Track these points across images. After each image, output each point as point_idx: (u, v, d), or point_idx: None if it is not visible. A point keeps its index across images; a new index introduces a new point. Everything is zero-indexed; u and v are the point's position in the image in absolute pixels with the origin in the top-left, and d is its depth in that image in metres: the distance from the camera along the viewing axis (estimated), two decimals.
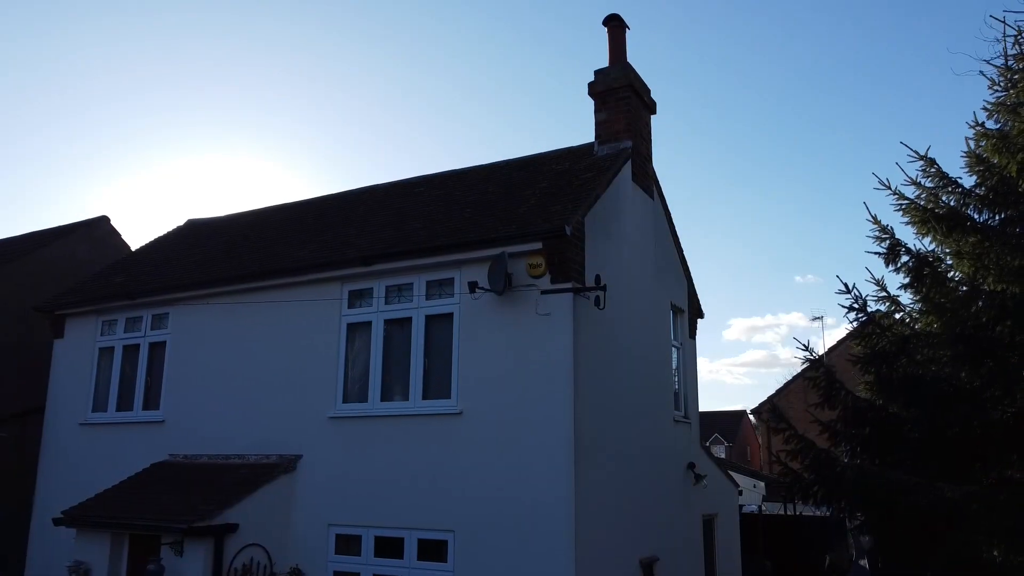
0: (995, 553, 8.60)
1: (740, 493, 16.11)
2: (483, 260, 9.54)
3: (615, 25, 12.23)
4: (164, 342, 12.54)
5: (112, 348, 13.18)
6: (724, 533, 14.07)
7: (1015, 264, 8.74)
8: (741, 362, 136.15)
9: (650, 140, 12.38)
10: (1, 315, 15.78)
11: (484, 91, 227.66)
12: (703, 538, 13.05)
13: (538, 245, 9.25)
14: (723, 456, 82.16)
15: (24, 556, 13.23)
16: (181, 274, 12.84)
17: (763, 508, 24.87)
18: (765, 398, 36.33)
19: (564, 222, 9.14)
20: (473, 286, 9.35)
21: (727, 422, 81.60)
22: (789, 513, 22.50)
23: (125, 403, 12.85)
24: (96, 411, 13.13)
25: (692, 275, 13.72)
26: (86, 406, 13.22)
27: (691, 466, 12.69)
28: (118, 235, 18.46)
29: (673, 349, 12.83)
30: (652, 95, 12.46)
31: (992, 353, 8.32)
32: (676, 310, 13.07)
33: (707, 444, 71.49)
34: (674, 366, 12.83)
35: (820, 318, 45.01)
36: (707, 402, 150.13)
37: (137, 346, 12.87)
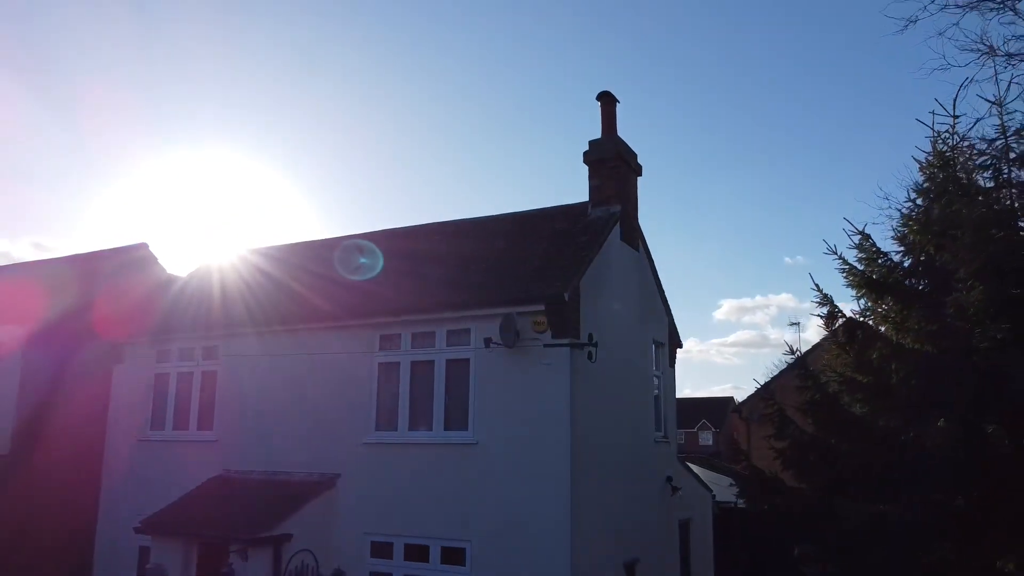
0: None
1: (714, 497, 18.17)
2: (495, 316, 11.53)
3: (606, 100, 14.15)
4: (215, 371, 14.51)
5: (168, 374, 15.15)
6: (698, 533, 16.20)
7: (931, 328, 10.77)
8: (731, 342, 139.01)
9: (636, 200, 14.35)
10: (57, 338, 17.65)
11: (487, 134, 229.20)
12: (679, 539, 15.17)
13: (541, 307, 11.25)
14: (710, 442, 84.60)
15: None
16: (231, 313, 14.76)
17: (739, 503, 27.08)
18: (746, 396, 38.48)
19: (563, 289, 11.15)
20: (488, 342, 11.36)
21: (714, 408, 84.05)
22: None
23: (181, 423, 14.83)
24: (154, 429, 15.11)
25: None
26: (145, 424, 15.20)
27: (669, 479, 14.78)
28: (156, 260, 20.31)
29: (654, 378, 14.88)
30: (639, 160, 14.43)
31: (901, 405, 10.38)
32: (657, 344, 15.11)
33: (695, 430, 72.97)
34: (655, 393, 14.89)
35: (797, 323, 47.29)
36: (697, 382, 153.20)
37: (191, 373, 14.84)
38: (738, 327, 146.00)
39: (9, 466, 16.75)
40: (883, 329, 11.35)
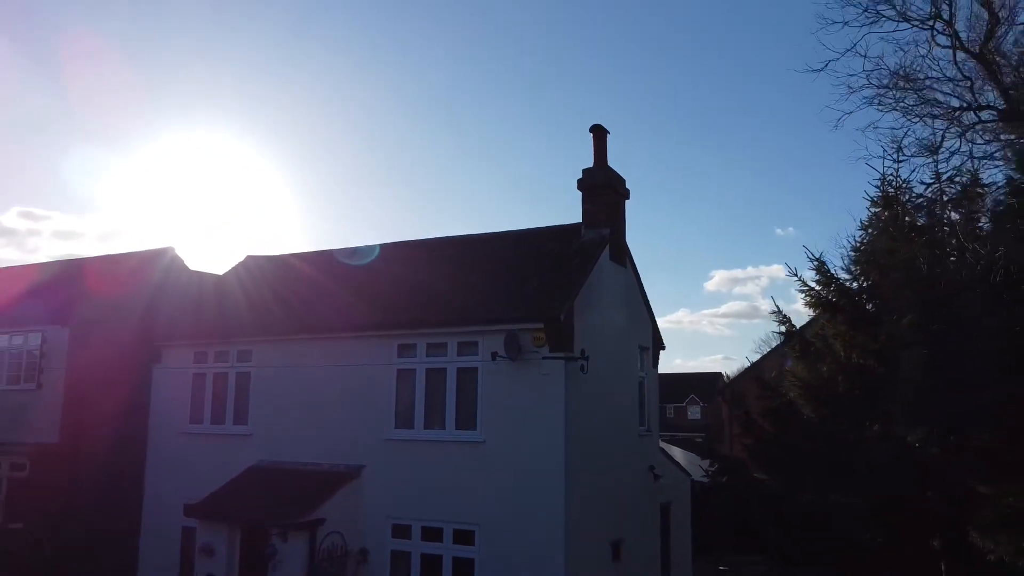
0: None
1: (693, 479, 20.16)
2: (500, 331, 13.33)
3: (598, 132, 15.86)
4: (249, 373, 16.29)
5: (204, 374, 16.92)
6: (678, 515, 18.19)
7: (874, 347, 12.65)
8: (722, 313, 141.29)
9: (624, 222, 16.12)
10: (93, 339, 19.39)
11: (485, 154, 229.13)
12: (660, 520, 17.15)
13: (540, 325, 13.06)
14: (698, 417, 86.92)
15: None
16: (263, 320, 16.51)
17: (722, 479, 29.18)
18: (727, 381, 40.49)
19: (559, 311, 12.95)
20: (494, 355, 13.18)
21: (703, 383, 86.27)
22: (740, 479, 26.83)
23: (218, 418, 16.63)
24: (193, 423, 16.91)
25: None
26: (185, 418, 16.99)
27: (651, 468, 16.70)
28: (182, 262, 22.01)
29: (639, 379, 16.75)
30: (627, 185, 16.17)
31: (846, 411, 12.31)
32: (642, 348, 16.95)
33: (684, 404, 75.22)
34: (639, 391, 16.76)
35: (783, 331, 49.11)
36: (689, 352, 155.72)
37: (226, 374, 16.62)
38: (729, 298, 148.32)
39: (58, 453, 18.64)
40: (834, 345, 13.23)
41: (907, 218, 12.97)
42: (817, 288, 13.58)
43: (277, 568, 13.23)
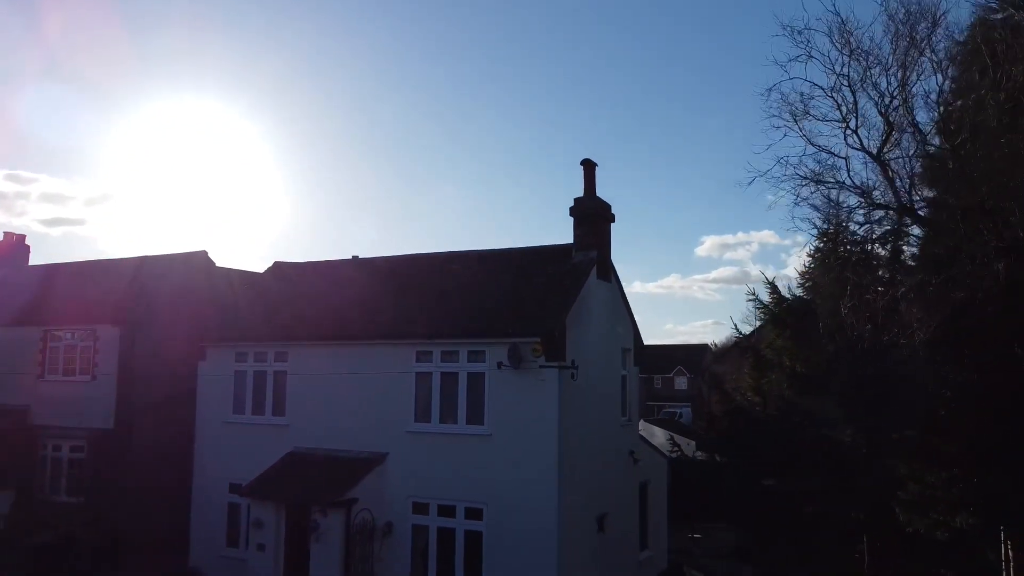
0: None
1: (669, 456, 22.92)
2: (504, 343, 15.93)
3: (588, 165, 18.33)
4: (286, 372, 18.87)
5: (245, 372, 19.49)
6: (655, 493, 20.97)
7: (816, 359, 15.33)
8: (712, 279, 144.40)
9: (610, 243, 18.65)
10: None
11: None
12: (640, 497, 19.94)
13: (538, 339, 15.65)
14: (684, 387, 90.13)
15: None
16: (297, 327, 19.04)
17: (697, 454, 32.15)
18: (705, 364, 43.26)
19: (553, 327, 15.56)
20: (499, 365, 15.80)
21: (689, 355, 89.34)
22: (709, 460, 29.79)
23: (258, 409, 19.23)
24: (236, 413, 19.51)
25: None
26: (228, 409, 19.58)
27: (631, 452, 19.44)
28: (214, 264, 24.45)
29: (622, 376, 19.42)
30: (612, 210, 18.70)
31: (791, 413, 15.03)
32: (624, 350, 19.59)
33: (671, 375, 78.41)
34: (622, 387, 19.43)
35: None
36: (679, 317, 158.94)
37: (265, 372, 19.19)
38: (720, 263, 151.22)
39: (113, 438, 21.29)
40: (783, 357, 15.93)
41: (844, 248, 15.58)
42: (770, 306, 16.22)
43: (320, 539, 15.96)
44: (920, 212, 13.80)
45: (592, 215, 17.99)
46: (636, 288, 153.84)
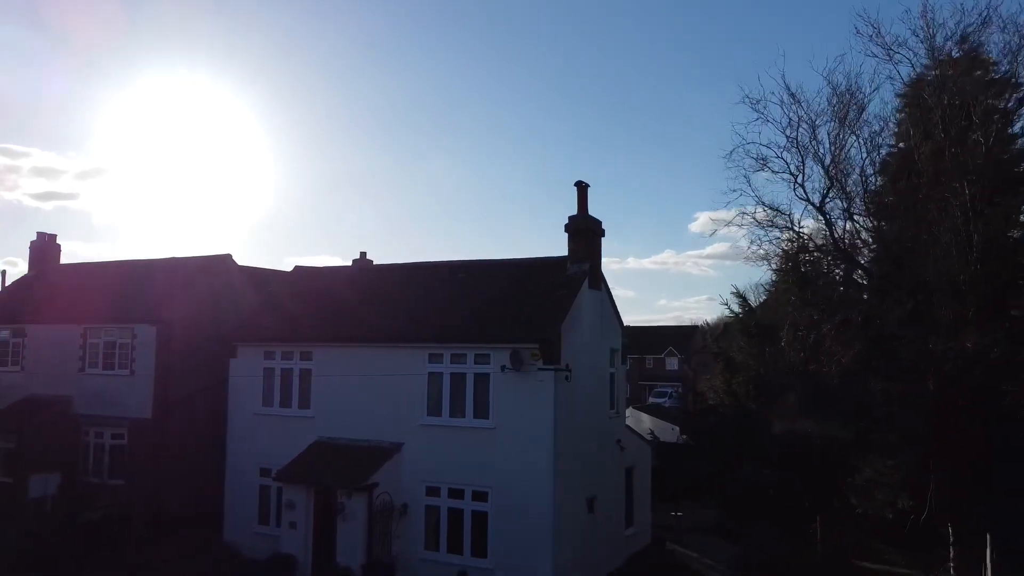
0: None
1: (652, 445, 25.32)
2: (506, 348, 18.19)
3: (581, 187, 20.50)
4: (310, 369, 21.13)
5: (273, 368, 21.75)
6: (640, 477, 23.39)
7: (779, 367, 17.64)
8: (707, 254, 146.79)
9: (600, 255, 20.89)
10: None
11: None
12: (626, 481, 22.34)
13: (536, 345, 17.92)
14: (675, 367, 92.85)
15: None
16: (321, 329, 21.27)
17: (682, 438, 34.63)
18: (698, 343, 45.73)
19: (550, 334, 17.83)
20: (503, 368, 18.08)
21: (680, 336, 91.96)
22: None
23: (285, 402, 21.50)
24: (265, 406, 21.79)
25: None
26: (257, 402, 21.86)
27: (618, 441, 21.81)
28: (238, 267, 26.62)
29: (610, 374, 21.74)
30: (603, 226, 20.91)
31: (757, 412, 17.39)
32: (613, 350, 21.90)
33: (663, 356, 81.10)
34: (610, 383, 21.75)
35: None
36: (673, 293, 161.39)
37: (291, 369, 21.44)
38: (714, 240, 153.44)
39: (151, 426, 23.58)
40: (749, 362, 18.24)
41: (805, 268, 17.86)
42: (740, 315, 18.51)
43: (346, 519, 18.32)
44: (855, 256, 16.16)
45: (584, 231, 20.20)
46: (631, 264, 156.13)
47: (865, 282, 15.97)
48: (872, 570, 20.06)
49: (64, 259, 30.79)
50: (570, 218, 20.37)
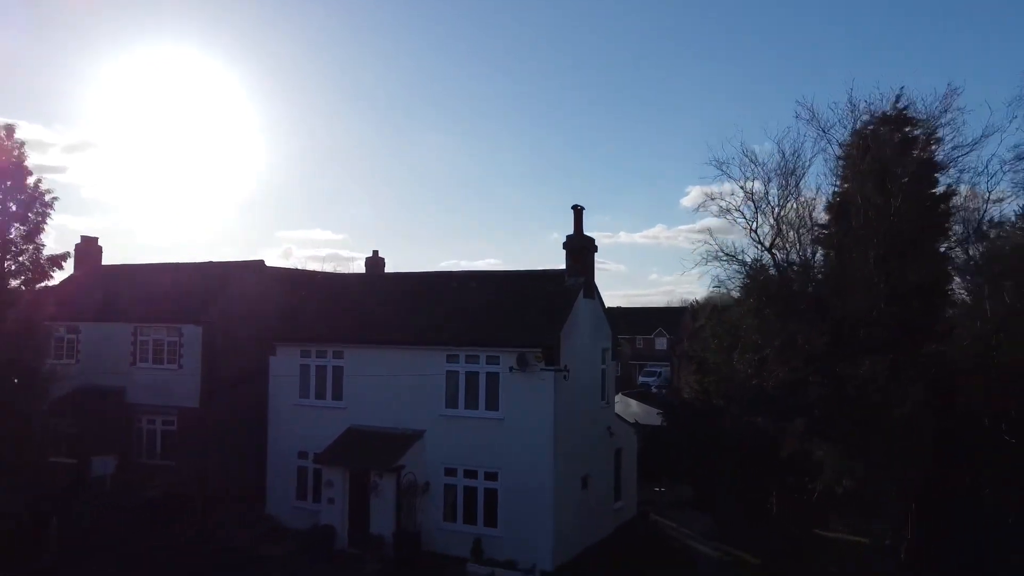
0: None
1: (637, 430, 28.79)
2: (513, 351, 21.50)
3: (577, 209, 23.73)
4: (342, 366, 24.40)
5: (309, 365, 25.01)
6: (627, 458, 26.86)
7: (742, 368, 20.99)
8: (699, 228, 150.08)
9: (594, 269, 24.17)
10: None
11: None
12: (615, 462, 25.81)
13: (539, 349, 21.24)
14: (664, 347, 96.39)
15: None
16: (351, 331, 24.53)
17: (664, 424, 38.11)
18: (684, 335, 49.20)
19: (551, 340, 21.16)
20: (511, 368, 21.41)
21: (669, 317, 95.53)
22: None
23: (320, 394, 24.79)
24: (302, 397, 25.08)
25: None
26: (295, 394, 25.14)
27: (608, 428, 25.24)
28: (270, 272, 29.76)
29: (601, 370, 25.12)
30: (596, 241, 24.17)
31: (725, 408, 20.77)
32: (604, 349, 25.27)
33: (652, 336, 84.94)
34: (601, 377, 25.13)
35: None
36: (665, 267, 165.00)
37: (325, 366, 24.72)
38: (706, 214, 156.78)
39: (198, 415, 26.83)
40: (720, 366, 21.56)
41: (767, 286, 21.16)
42: (710, 320, 21.80)
43: (378, 496, 21.71)
44: (793, 287, 19.67)
45: (580, 248, 23.48)
46: (622, 238, 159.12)
47: (802, 307, 19.32)
48: (823, 536, 23.77)
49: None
50: (568, 237, 23.62)
